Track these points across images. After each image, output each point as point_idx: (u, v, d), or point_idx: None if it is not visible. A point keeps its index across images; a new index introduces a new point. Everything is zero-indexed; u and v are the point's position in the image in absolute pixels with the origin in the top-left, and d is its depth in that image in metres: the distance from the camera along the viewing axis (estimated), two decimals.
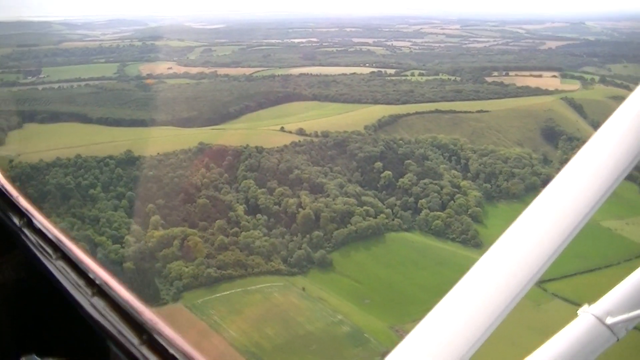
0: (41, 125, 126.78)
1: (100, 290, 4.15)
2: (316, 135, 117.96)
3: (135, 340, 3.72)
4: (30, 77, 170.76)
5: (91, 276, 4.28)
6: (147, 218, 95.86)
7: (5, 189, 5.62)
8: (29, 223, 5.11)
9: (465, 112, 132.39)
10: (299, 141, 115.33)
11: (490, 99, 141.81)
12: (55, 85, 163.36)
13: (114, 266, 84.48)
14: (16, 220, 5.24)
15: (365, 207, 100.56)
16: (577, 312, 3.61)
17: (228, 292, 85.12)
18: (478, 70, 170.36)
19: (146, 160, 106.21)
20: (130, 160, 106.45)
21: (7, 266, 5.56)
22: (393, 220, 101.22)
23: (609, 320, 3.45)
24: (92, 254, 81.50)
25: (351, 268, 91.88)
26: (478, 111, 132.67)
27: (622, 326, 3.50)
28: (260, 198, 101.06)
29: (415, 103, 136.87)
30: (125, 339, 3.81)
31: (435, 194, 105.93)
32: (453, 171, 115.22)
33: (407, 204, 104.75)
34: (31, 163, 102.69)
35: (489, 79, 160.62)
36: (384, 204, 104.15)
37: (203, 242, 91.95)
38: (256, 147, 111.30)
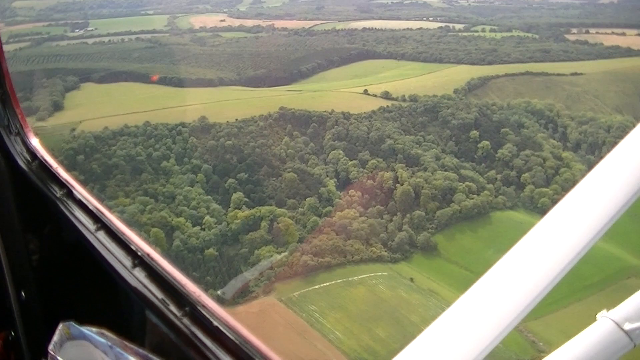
0: (99, 85, 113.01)
1: (142, 262, 4.11)
2: (404, 100, 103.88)
3: (177, 311, 3.72)
4: (77, 30, 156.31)
5: (132, 247, 4.25)
6: (228, 195, 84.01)
7: (45, 160, 5.64)
8: (69, 194, 5.15)
9: (558, 74, 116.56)
10: (387, 106, 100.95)
11: (581, 59, 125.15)
12: (105, 39, 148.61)
13: (195, 252, 75.40)
14: (57, 191, 5.25)
15: (467, 183, 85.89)
16: (596, 316, 3.33)
17: (327, 284, 72.94)
18: (554, 26, 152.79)
19: (223, 127, 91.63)
20: (205, 128, 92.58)
21: (48, 236, 5.68)
22: (496, 197, 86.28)
23: (627, 326, 3.20)
24: (169, 239, 74.67)
25: (458, 253, 79.10)
26: (572, 74, 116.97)
27: None
28: (352, 171, 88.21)
29: (501, 64, 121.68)
30: (166, 310, 3.79)
31: (539, 167, 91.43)
32: (552, 140, 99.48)
33: (509, 178, 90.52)
34: (95, 132, 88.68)
35: (570, 37, 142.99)
36: (485, 179, 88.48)
37: (294, 223, 77.33)
38: (342, 113, 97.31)
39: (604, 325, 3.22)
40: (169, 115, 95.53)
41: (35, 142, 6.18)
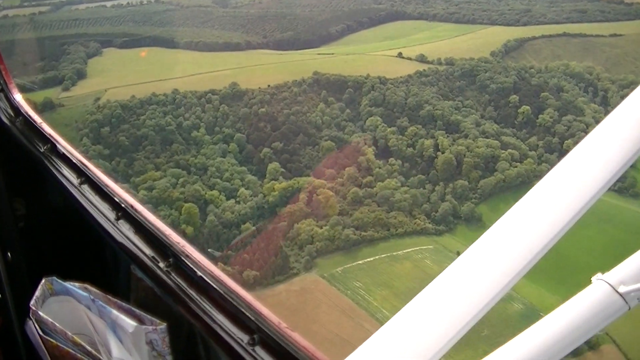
0: (122, 50, 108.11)
1: (126, 214, 4.04)
2: (439, 63, 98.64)
3: (161, 263, 3.66)
4: None
5: (116, 200, 4.18)
6: (263, 165, 79.52)
7: (29, 116, 5.53)
8: (53, 149, 5.08)
9: (597, 35, 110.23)
10: (424, 70, 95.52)
11: (619, 20, 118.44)
12: (124, 2, 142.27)
13: (229, 227, 70.95)
14: (40, 147, 5.17)
15: (509, 151, 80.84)
16: (591, 279, 3.17)
17: (371, 259, 69.28)
18: None
19: (255, 94, 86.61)
20: (236, 95, 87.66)
21: (33, 192, 5.52)
22: (540, 165, 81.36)
23: (622, 289, 3.05)
24: (203, 214, 71.14)
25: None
26: (611, 35, 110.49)
27: (635, 295, 3.10)
28: (391, 139, 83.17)
29: (537, 24, 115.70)
30: (151, 262, 3.74)
31: (582, 134, 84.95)
32: (592, 105, 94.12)
33: (552, 145, 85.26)
34: (122, 101, 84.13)
35: None
36: (526, 145, 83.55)
37: (334, 195, 72.81)
38: (379, 78, 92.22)
39: (599, 287, 3.09)
40: (198, 82, 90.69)
41: (19, 97, 5.88)
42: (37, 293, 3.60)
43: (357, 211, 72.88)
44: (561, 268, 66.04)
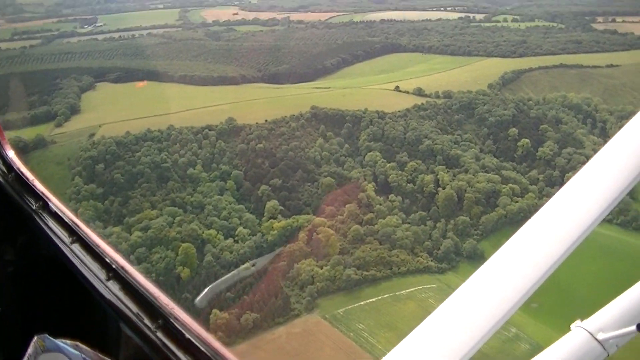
0: (115, 85, 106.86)
1: (116, 275, 4.07)
2: (437, 96, 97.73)
3: (150, 324, 3.66)
4: (87, 27, 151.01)
5: (107, 260, 4.20)
6: (261, 203, 76.89)
7: (22, 172, 5.51)
8: (45, 206, 5.04)
9: (593, 66, 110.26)
10: (422, 104, 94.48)
11: (615, 50, 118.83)
12: (116, 35, 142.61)
13: (228, 268, 68.62)
14: (32, 204, 5.14)
15: (510, 185, 79.31)
16: (570, 326, 3.51)
17: (374, 299, 66.91)
18: (578, 15, 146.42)
19: (252, 129, 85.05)
20: (233, 130, 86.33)
21: (23, 248, 5.51)
22: (541, 199, 79.67)
23: (601, 336, 3.37)
24: (200, 254, 68.42)
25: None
26: (607, 65, 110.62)
27: (614, 342, 3.42)
28: (391, 174, 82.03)
29: (533, 56, 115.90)
30: (140, 322, 3.76)
31: (582, 166, 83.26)
32: (592, 137, 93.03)
33: (552, 178, 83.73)
34: (116, 138, 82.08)
35: (597, 26, 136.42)
36: (527, 179, 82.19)
37: (335, 233, 70.95)
38: (377, 112, 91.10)
39: (578, 335, 3.32)
40: (194, 117, 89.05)
41: (11, 154, 5.74)
42: (30, 350, 3.48)
43: (359, 250, 71.01)
44: (564, 303, 64.55)
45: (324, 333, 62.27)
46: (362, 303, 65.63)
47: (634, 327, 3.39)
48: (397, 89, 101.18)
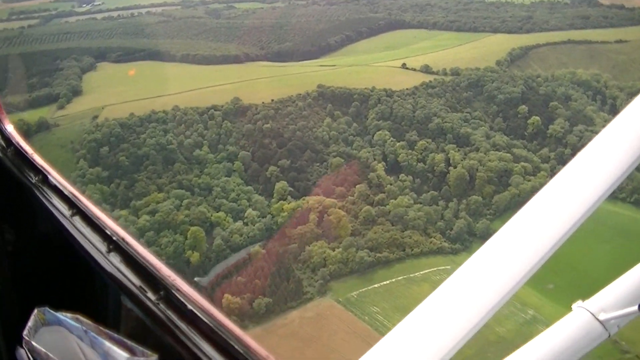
0: (117, 65, 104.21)
1: (117, 246, 4.08)
2: (445, 73, 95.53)
3: (152, 296, 3.67)
4: (85, 5, 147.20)
5: (107, 232, 4.19)
6: (270, 185, 75.55)
7: (21, 146, 5.51)
8: (45, 180, 5.05)
9: (602, 42, 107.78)
10: (430, 81, 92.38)
11: (623, 25, 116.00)
12: (114, 14, 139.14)
13: (238, 251, 67.48)
14: (32, 177, 5.17)
15: (522, 164, 77.78)
16: (571, 306, 3.49)
17: (388, 282, 65.68)
18: None
19: (259, 108, 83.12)
20: (239, 110, 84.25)
21: (23, 222, 5.54)
22: (553, 177, 77.50)
23: (602, 316, 3.36)
24: (209, 237, 67.60)
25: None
26: (616, 41, 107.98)
27: (615, 322, 3.42)
28: (401, 154, 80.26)
29: (540, 32, 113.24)
30: (141, 294, 3.76)
31: None
32: (602, 113, 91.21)
33: (564, 156, 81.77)
34: (120, 119, 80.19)
35: (603, 1, 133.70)
36: (538, 157, 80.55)
37: (346, 214, 69.51)
38: (384, 90, 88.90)
39: (580, 315, 3.33)
40: (198, 97, 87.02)
41: (10, 128, 5.69)
42: (30, 323, 3.46)
43: (371, 231, 69.83)
44: (579, 283, 63.44)
45: (337, 317, 61.35)
46: (375, 286, 64.54)
47: (635, 308, 3.35)
48: (403, 66, 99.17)
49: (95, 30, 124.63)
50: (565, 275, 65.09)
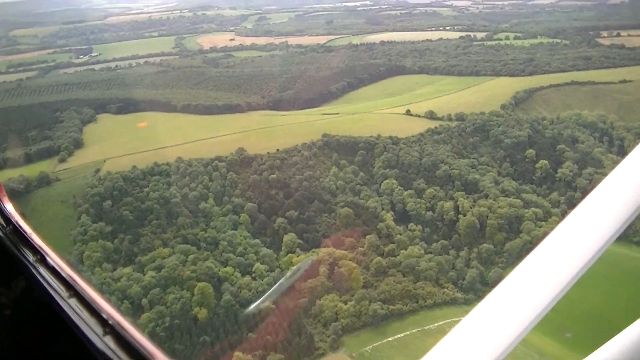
0: (117, 116, 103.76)
1: (113, 330, 4.07)
2: (450, 119, 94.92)
3: None
4: (82, 57, 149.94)
5: (104, 316, 4.22)
6: (278, 237, 73.30)
7: (20, 225, 5.55)
8: (43, 260, 5.09)
9: (606, 82, 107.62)
10: (435, 127, 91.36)
11: (626, 65, 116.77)
12: (112, 65, 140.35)
13: (248, 306, 64.67)
14: (30, 257, 5.19)
15: (532, 209, 76.25)
16: None
17: (402, 335, 63.02)
18: (581, 31, 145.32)
19: (264, 159, 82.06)
20: (244, 161, 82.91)
21: (21, 303, 5.47)
22: None
23: None
24: (217, 293, 65.19)
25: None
26: (620, 81, 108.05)
27: None
28: (409, 202, 78.78)
29: (543, 74, 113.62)
30: None
31: None
32: (610, 155, 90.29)
33: (574, 200, 80.00)
34: (123, 173, 79.08)
35: (603, 41, 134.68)
36: (548, 202, 79.21)
37: (357, 266, 68.02)
38: (390, 138, 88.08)
39: None
40: (202, 148, 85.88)
41: (10, 207, 5.75)
42: None
43: (383, 282, 67.92)
44: (599, 332, 61.26)
45: None
46: (390, 339, 62.22)
47: None
48: (408, 112, 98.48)
49: (94, 81, 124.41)
50: (582, 323, 63.94)
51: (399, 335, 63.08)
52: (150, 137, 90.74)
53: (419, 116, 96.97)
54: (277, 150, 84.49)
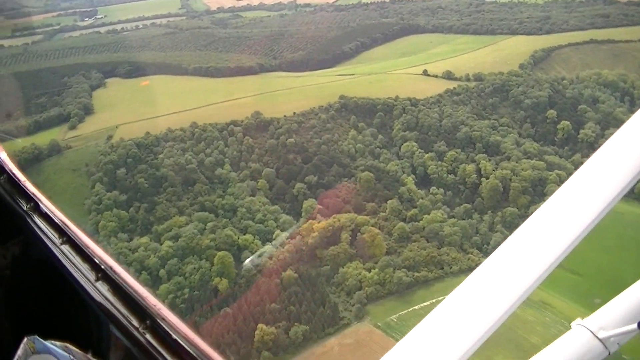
0: (127, 80, 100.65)
1: (105, 275, 4.11)
2: (468, 79, 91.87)
3: (138, 325, 3.69)
4: (87, 19, 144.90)
5: (96, 261, 4.24)
6: (297, 203, 70.96)
7: (13, 174, 5.53)
8: (36, 207, 5.07)
9: (626, 41, 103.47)
10: (453, 88, 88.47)
11: None
12: (118, 27, 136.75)
13: (270, 276, 61.81)
14: (23, 205, 5.19)
15: (556, 171, 73.59)
16: (571, 324, 3.50)
17: (428, 303, 59.93)
18: None
19: (281, 122, 79.16)
20: (260, 125, 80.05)
21: (13, 249, 5.55)
22: None
23: (602, 334, 3.34)
24: (237, 262, 62.88)
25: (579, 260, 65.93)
26: None
27: (615, 340, 3.40)
28: (430, 165, 76.56)
29: (560, 32, 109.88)
30: (128, 323, 3.78)
31: None
32: (632, 115, 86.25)
33: None
34: (136, 139, 76.04)
35: None
36: (571, 164, 76.51)
37: (380, 232, 65.67)
38: (408, 99, 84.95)
39: (579, 333, 3.29)
40: (217, 113, 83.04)
41: (3, 155, 5.73)
42: (19, 352, 3.42)
43: (406, 249, 65.64)
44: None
45: (377, 343, 56.91)
46: (416, 307, 60.20)
47: (635, 325, 3.31)
48: (425, 73, 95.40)
49: (101, 44, 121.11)
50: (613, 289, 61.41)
51: (425, 304, 60.95)
52: (162, 101, 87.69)
53: (436, 76, 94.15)
54: (294, 113, 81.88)
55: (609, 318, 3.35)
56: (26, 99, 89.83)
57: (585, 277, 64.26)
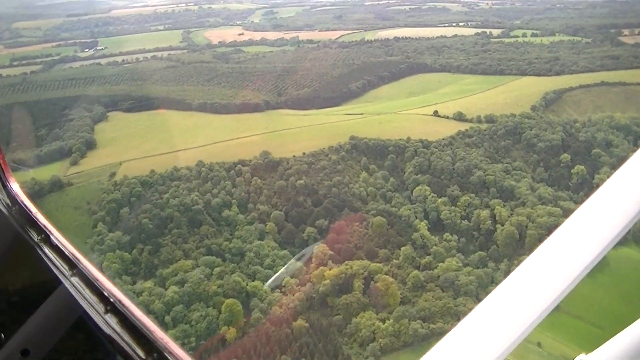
0: (129, 114, 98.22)
1: (114, 308, 4.13)
2: (479, 121, 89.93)
3: (145, 357, 3.71)
4: (87, 50, 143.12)
5: (105, 293, 4.26)
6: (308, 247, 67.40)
7: (25, 205, 5.59)
8: (47, 239, 5.16)
9: (637, 83, 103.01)
10: (466, 130, 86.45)
11: None
12: (119, 59, 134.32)
13: (279, 325, 58.78)
14: (35, 236, 5.27)
15: None
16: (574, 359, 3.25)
17: None
18: (601, 28, 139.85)
19: (290, 163, 76.77)
20: (269, 165, 77.31)
21: (24, 279, 5.55)
22: None
23: None
24: (246, 309, 59.79)
25: (580, 305, 61.83)
26: None
27: None
28: (443, 210, 73.48)
29: (571, 74, 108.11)
30: (136, 355, 3.80)
31: None
32: None
33: None
34: (140, 177, 73.73)
35: (625, 40, 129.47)
36: None
37: (394, 281, 62.93)
38: (420, 141, 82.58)
39: None
40: (223, 151, 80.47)
41: (15, 187, 5.87)
42: None
43: (421, 298, 62.66)
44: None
45: None
46: None
47: None
48: (435, 114, 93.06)
49: (101, 76, 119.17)
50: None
51: None
52: (166, 137, 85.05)
53: (447, 117, 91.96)
54: (303, 153, 79.16)
55: (613, 355, 3.06)
56: (26, 131, 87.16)
57: (605, 329, 61.79)
